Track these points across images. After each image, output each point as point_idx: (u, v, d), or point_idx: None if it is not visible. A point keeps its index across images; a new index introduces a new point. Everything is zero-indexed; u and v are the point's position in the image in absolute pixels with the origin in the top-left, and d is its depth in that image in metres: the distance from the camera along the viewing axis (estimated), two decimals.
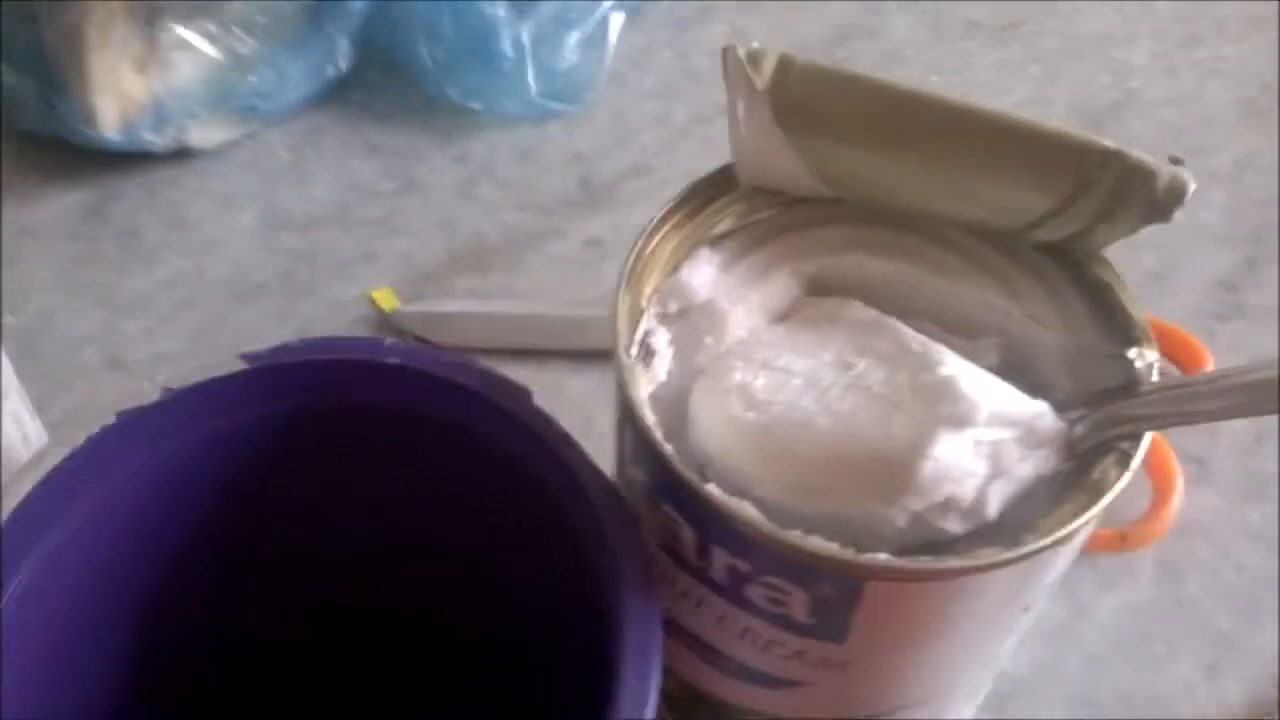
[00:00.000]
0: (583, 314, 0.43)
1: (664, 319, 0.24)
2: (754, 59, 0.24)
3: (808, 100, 0.24)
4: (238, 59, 0.46)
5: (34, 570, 0.23)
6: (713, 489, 0.21)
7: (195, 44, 0.46)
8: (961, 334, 0.25)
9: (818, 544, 0.21)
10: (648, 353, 0.24)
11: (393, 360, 0.24)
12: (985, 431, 0.22)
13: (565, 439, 0.23)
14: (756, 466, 0.22)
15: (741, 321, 0.25)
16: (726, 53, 0.24)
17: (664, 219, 0.25)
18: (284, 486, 0.26)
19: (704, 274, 0.25)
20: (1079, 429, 0.22)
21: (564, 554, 0.24)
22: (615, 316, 0.24)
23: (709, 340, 0.24)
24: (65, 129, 0.46)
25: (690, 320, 0.25)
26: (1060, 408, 0.23)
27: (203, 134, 0.47)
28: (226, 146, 0.48)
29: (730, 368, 0.24)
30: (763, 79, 0.24)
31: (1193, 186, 0.22)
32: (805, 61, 0.24)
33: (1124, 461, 0.22)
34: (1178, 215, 0.22)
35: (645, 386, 0.23)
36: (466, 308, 0.43)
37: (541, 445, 0.23)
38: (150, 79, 0.46)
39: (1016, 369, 0.24)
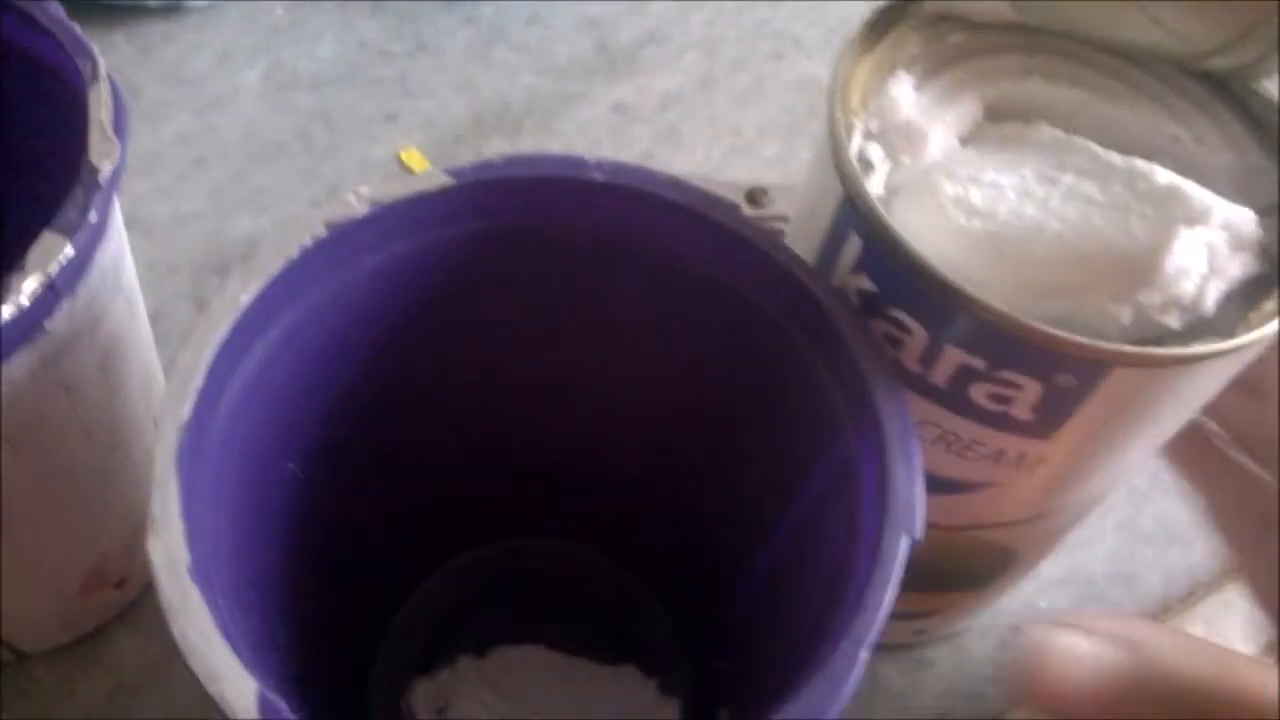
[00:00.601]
0: None
1: (869, 136, 0.25)
2: None
3: None
4: None
5: (244, 384, 0.22)
6: (957, 281, 0.22)
7: None
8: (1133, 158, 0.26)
9: (1078, 332, 0.22)
10: (866, 166, 0.24)
11: (597, 176, 0.24)
12: (1210, 232, 0.23)
13: (780, 246, 0.24)
14: (985, 271, 0.23)
15: (937, 142, 0.25)
16: None
17: (856, 43, 0.26)
18: (483, 304, 0.25)
19: (905, 93, 0.25)
20: (1269, 235, 0.24)
21: (782, 372, 0.24)
22: (836, 128, 0.24)
23: (908, 159, 0.25)
24: None
25: (888, 139, 0.25)
26: None
27: None
28: (218, 4, 0.46)
29: (937, 183, 0.24)
30: None
31: None
32: None
33: None
34: None
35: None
36: None
37: (760, 254, 0.23)
38: None
39: None
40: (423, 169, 0.42)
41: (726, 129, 0.45)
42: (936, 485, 0.26)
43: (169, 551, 0.18)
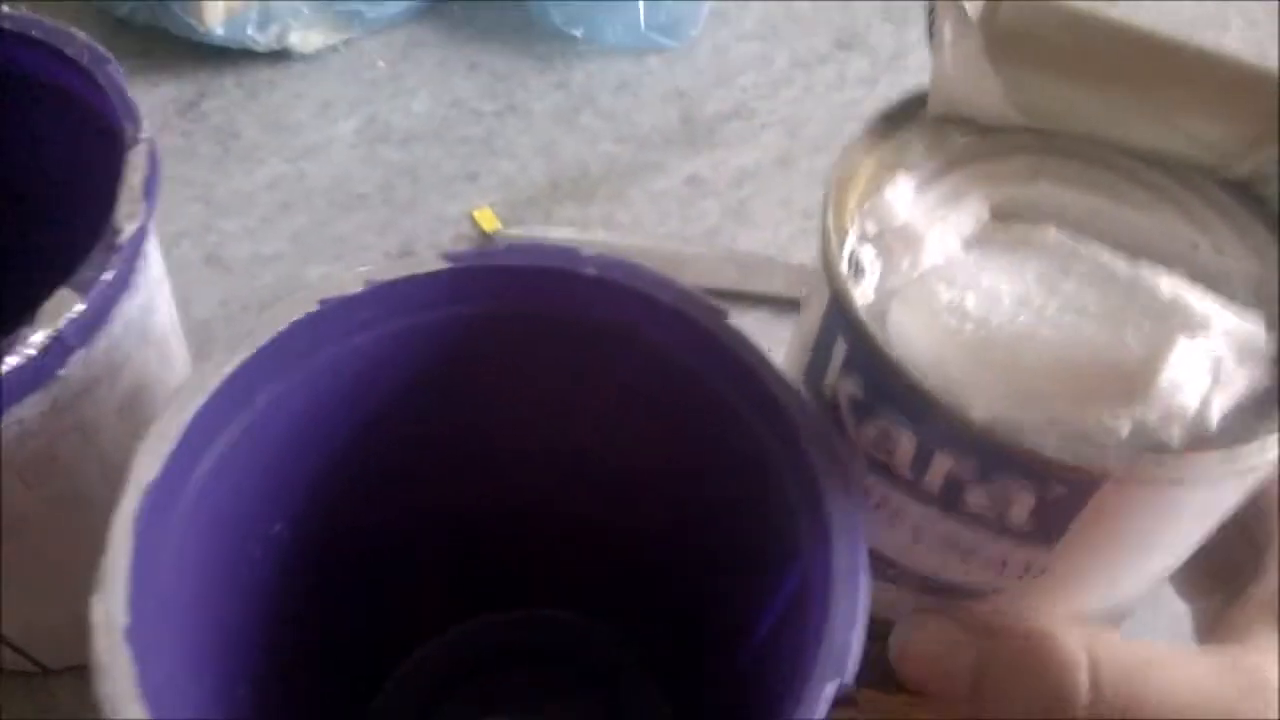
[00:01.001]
0: (684, 250, 0.43)
1: (864, 239, 0.25)
2: None
3: (1018, 30, 0.24)
4: None
5: (224, 449, 0.23)
6: (941, 389, 0.22)
7: None
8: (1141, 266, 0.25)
9: (1062, 445, 0.21)
10: (857, 270, 0.24)
11: (589, 271, 0.24)
12: (1212, 342, 0.22)
13: (762, 359, 0.24)
14: (975, 376, 0.23)
15: (937, 245, 0.25)
16: None
17: (860, 142, 0.25)
18: (469, 384, 0.26)
19: (903, 196, 0.25)
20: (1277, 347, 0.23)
21: (754, 477, 0.24)
22: (826, 230, 0.24)
23: (905, 263, 0.25)
24: (167, 19, 0.45)
25: (886, 242, 0.25)
26: None
27: (303, 36, 0.47)
28: (324, 52, 0.48)
29: (934, 289, 0.24)
30: (975, 6, 0.24)
31: None
32: None
33: None
34: None
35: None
36: (568, 235, 0.43)
37: (738, 365, 0.24)
38: None
39: None
40: (493, 228, 0.43)
41: (799, 210, 0.45)
42: (940, 589, 0.25)
43: (109, 613, 0.19)
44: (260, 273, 0.42)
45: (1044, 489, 0.22)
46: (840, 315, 0.23)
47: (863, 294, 0.24)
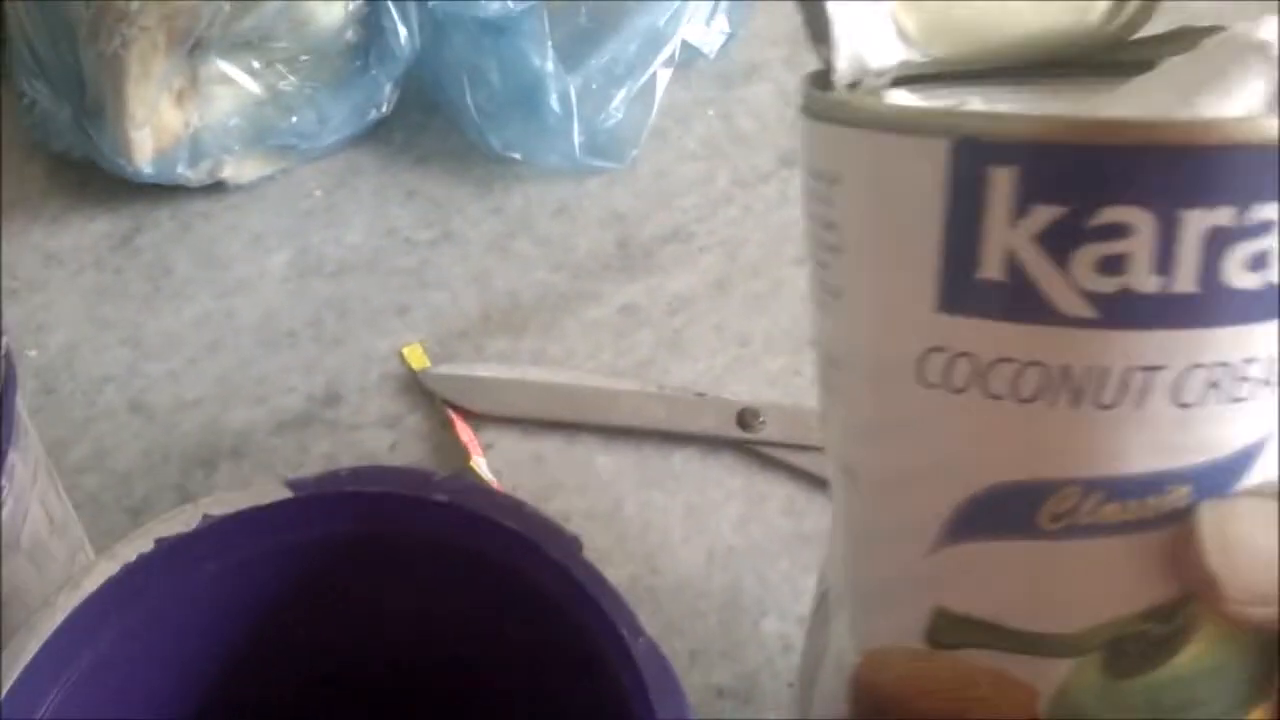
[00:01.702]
0: (616, 386, 0.42)
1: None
2: None
3: None
4: (279, 96, 0.46)
5: (66, 694, 0.22)
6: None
7: (237, 79, 0.45)
8: None
9: None
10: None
11: (440, 497, 0.24)
12: None
13: (614, 597, 0.23)
14: None
15: None
16: None
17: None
18: (321, 606, 0.25)
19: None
20: None
21: (609, 705, 0.23)
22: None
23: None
24: (98, 155, 0.45)
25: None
26: None
27: (237, 169, 0.46)
28: (260, 182, 0.48)
29: None
30: None
31: None
32: None
33: None
34: None
35: None
36: (497, 373, 0.43)
37: (587, 599, 0.23)
38: (188, 112, 0.45)
39: None
40: (421, 366, 0.43)
41: (734, 338, 0.44)
42: (1216, 476, 0.19)
43: None
44: (182, 420, 0.41)
45: None
46: (978, 149, 0.18)
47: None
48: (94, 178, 0.47)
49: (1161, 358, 0.18)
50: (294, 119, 0.45)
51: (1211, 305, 0.18)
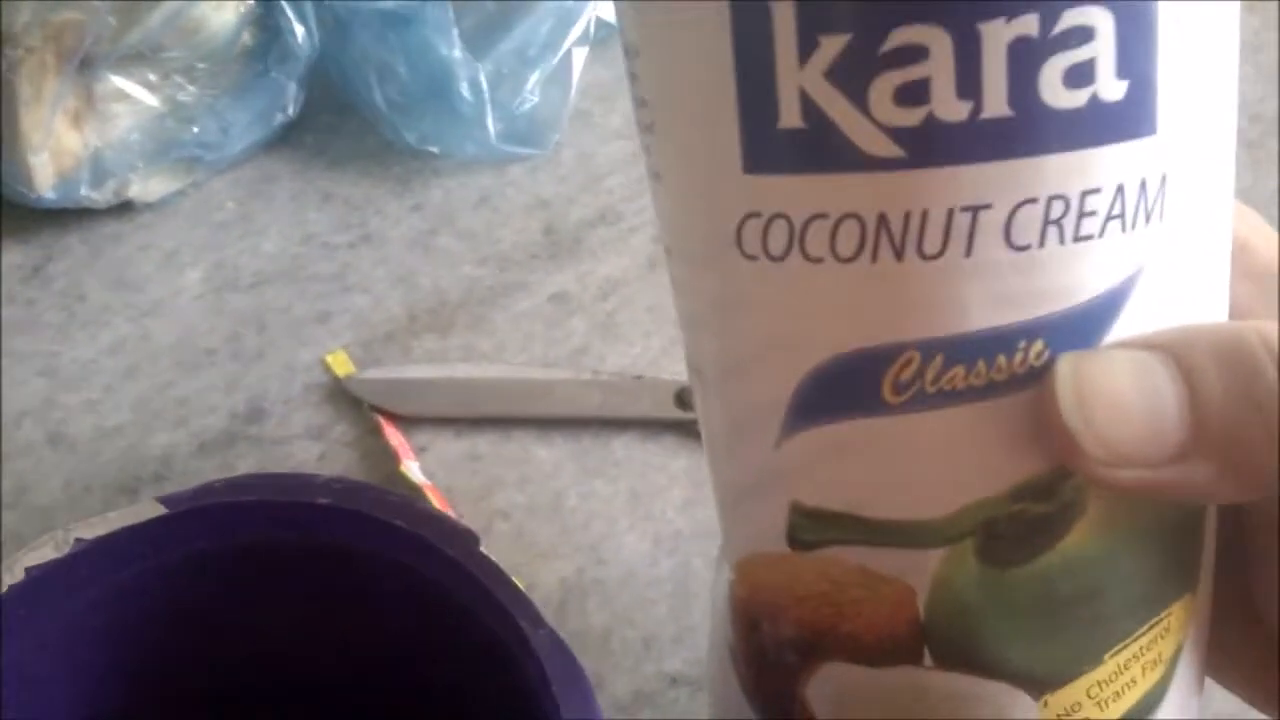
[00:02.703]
0: (549, 376, 0.41)
1: None
2: None
3: None
4: (178, 108, 0.44)
5: None
6: None
7: (133, 94, 0.44)
8: None
9: None
10: None
11: (323, 500, 0.22)
12: None
13: (512, 590, 0.21)
14: None
15: None
16: None
17: None
18: (211, 625, 0.24)
19: None
20: None
21: (512, 699, 0.22)
22: None
23: None
24: (3, 186, 0.44)
25: None
26: None
27: (144, 187, 0.45)
28: (171, 198, 0.46)
29: None
30: None
31: None
32: None
33: None
34: None
35: None
36: (424, 374, 0.41)
37: (488, 596, 0.22)
38: (86, 132, 0.43)
39: None
40: (346, 372, 0.41)
41: (669, 317, 0.43)
42: (1073, 329, 0.17)
43: None
44: (104, 449, 0.40)
45: None
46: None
47: None
48: (2, 208, 0.45)
49: (985, 195, 0.16)
50: (195, 129, 0.44)
51: (1031, 130, 0.16)
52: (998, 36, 0.16)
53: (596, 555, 0.38)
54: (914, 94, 0.16)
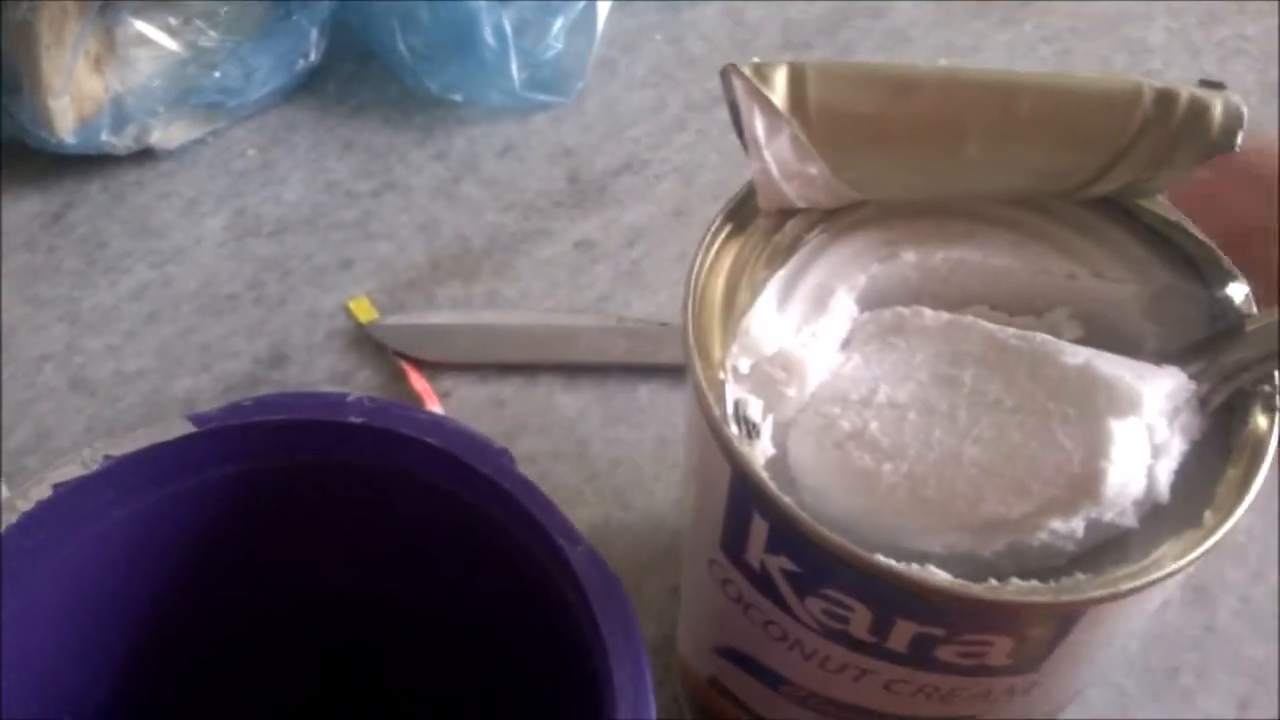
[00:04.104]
0: (574, 322, 0.41)
1: (739, 380, 0.22)
2: (762, 75, 0.22)
3: (830, 107, 0.22)
4: (200, 53, 0.44)
5: None
6: (897, 565, 0.19)
7: (154, 38, 0.43)
8: (1029, 312, 0.23)
9: (1035, 590, 0.19)
10: (749, 428, 0.21)
11: (355, 419, 0.22)
12: (1144, 416, 0.20)
13: (548, 507, 0.21)
14: (915, 519, 0.20)
15: (817, 362, 0.22)
16: (729, 74, 0.22)
17: (703, 256, 0.23)
18: (250, 541, 0.24)
19: (766, 320, 0.22)
20: (1203, 386, 0.21)
21: (550, 618, 0.21)
22: (699, 389, 0.21)
23: (791, 391, 0.22)
24: (21, 132, 0.43)
25: (764, 374, 0.22)
26: (1160, 360, 0.21)
27: (165, 133, 0.45)
28: (191, 146, 0.46)
29: (831, 418, 0.21)
30: (779, 95, 0.22)
31: (1245, 110, 0.20)
32: (818, 65, 0.22)
33: (1270, 407, 0.20)
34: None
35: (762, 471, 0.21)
36: (448, 319, 0.41)
37: (523, 512, 0.21)
38: (108, 77, 0.43)
39: (1099, 335, 0.22)
40: (369, 319, 0.41)
41: None
42: None
43: None
44: (125, 393, 0.40)
45: (1023, 633, 0.20)
46: (754, 497, 0.20)
47: (762, 451, 0.21)
48: (20, 157, 0.45)
49: None
50: (217, 74, 0.43)
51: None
52: (905, 626, 0.21)
53: (622, 501, 0.37)
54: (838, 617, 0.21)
